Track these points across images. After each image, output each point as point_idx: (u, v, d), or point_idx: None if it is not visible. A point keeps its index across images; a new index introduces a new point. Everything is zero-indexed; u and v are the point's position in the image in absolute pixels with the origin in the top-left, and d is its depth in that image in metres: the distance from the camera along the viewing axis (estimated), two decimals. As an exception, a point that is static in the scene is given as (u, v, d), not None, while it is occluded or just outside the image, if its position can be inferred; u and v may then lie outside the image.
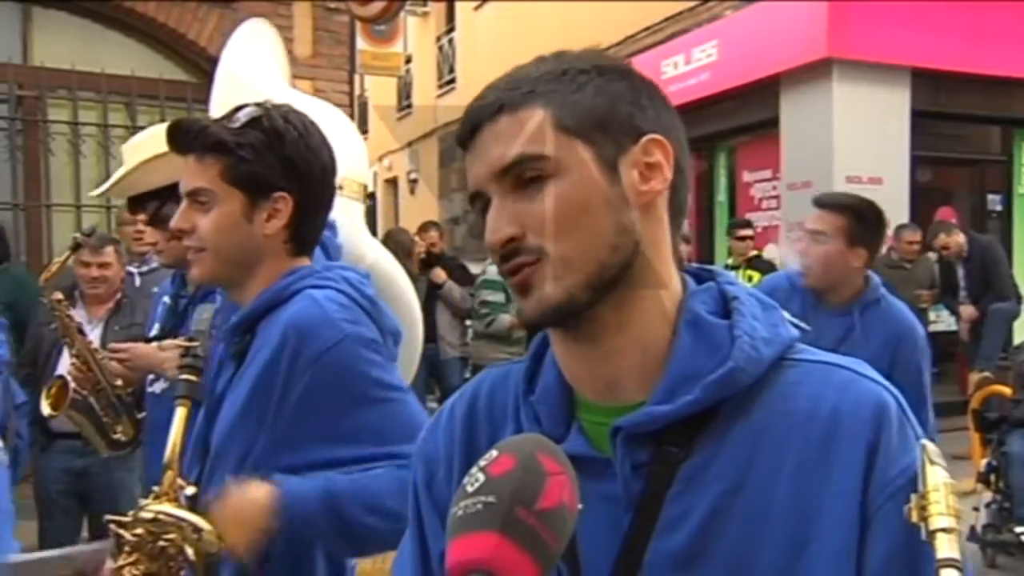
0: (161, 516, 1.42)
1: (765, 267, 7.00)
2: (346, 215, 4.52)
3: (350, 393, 1.46)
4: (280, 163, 1.52)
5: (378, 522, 1.44)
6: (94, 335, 3.56)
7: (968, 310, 7.37)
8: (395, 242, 6.27)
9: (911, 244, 7.24)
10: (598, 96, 0.87)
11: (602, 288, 0.85)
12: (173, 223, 1.55)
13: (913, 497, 0.72)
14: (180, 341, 1.67)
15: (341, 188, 4.77)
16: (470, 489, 0.73)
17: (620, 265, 0.86)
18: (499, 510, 0.70)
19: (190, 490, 1.49)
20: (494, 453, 0.75)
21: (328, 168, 1.60)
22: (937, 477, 0.71)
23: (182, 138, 1.54)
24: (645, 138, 0.88)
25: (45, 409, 2.79)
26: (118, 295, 3.94)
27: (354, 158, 4.63)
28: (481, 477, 0.73)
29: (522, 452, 0.74)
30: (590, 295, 0.85)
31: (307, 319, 1.47)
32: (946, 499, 0.69)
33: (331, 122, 4.71)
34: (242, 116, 1.53)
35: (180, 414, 1.52)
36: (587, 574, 0.86)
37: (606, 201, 0.85)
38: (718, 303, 0.91)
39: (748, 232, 7.25)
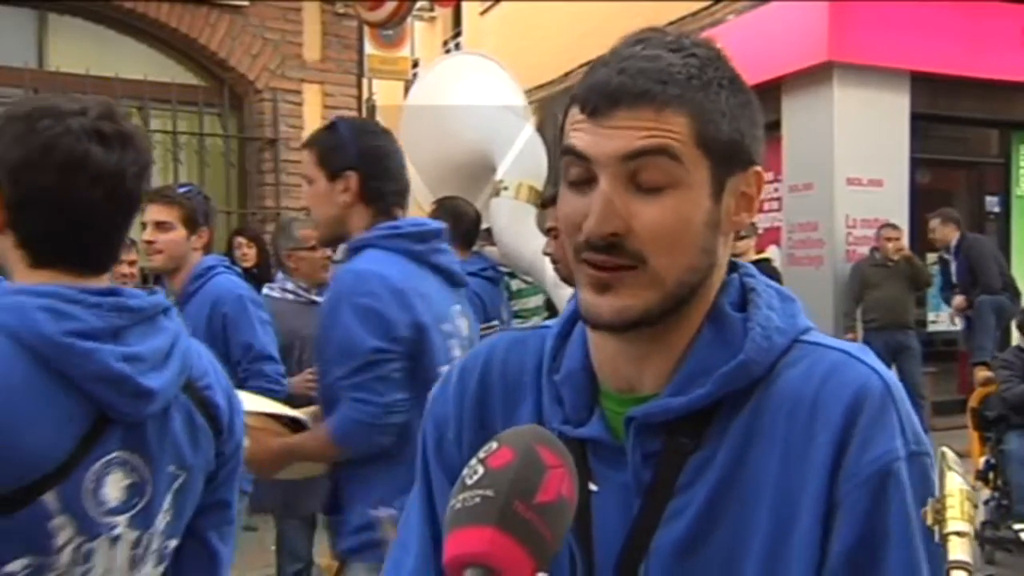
0: None
1: (768, 270, 7.07)
2: (513, 217, 4.58)
3: None
4: None
5: None
6: None
7: (958, 299, 7.55)
8: None
9: (889, 241, 7.36)
10: (735, 122, 0.85)
11: (673, 306, 0.85)
12: None
13: (930, 501, 0.73)
14: None
15: (509, 189, 4.83)
16: (469, 482, 0.72)
17: (693, 286, 0.86)
18: (497, 504, 0.70)
19: None
20: (494, 445, 0.74)
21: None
22: (954, 483, 0.72)
23: None
24: (752, 168, 0.88)
25: None
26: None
27: (534, 166, 4.70)
28: (480, 469, 0.72)
29: (522, 444, 0.74)
30: (661, 311, 0.85)
31: None
32: (961, 504, 0.71)
33: (523, 134, 4.93)
34: None
35: None
36: (598, 558, 0.87)
37: (706, 223, 0.84)
38: (739, 295, 0.91)
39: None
